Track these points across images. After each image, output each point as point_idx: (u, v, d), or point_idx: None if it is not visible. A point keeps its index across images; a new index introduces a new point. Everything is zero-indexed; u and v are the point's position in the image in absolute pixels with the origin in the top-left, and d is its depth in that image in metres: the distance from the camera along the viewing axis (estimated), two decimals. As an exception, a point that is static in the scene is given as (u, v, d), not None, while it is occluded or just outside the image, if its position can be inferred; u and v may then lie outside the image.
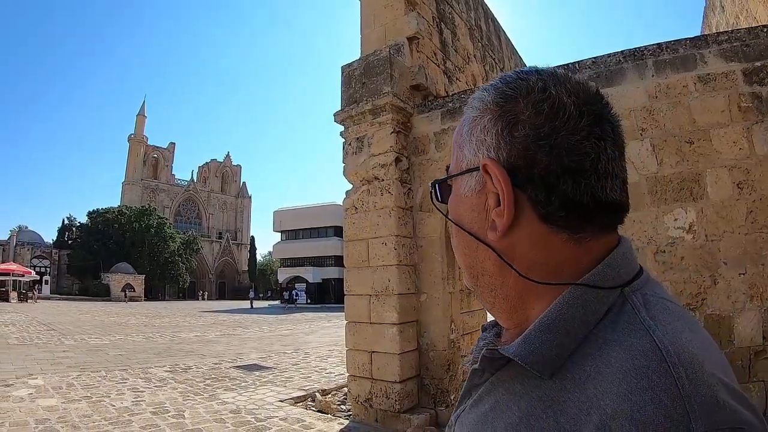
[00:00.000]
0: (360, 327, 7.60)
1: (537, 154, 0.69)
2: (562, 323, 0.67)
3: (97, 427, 6.71)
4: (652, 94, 6.01)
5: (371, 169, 7.71)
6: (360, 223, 7.78)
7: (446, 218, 0.86)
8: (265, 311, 44.69)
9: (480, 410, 0.76)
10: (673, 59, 5.99)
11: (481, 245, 0.77)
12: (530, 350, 0.67)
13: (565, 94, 0.71)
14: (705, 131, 5.74)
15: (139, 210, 76.09)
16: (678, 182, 5.79)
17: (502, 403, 0.72)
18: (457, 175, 0.81)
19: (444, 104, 7.76)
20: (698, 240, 5.64)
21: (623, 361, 0.59)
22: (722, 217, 5.56)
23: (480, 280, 0.80)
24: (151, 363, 12.64)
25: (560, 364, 0.66)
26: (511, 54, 14.64)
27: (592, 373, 0.61)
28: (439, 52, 9.16)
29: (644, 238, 5.86)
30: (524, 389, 0.69)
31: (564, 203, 0.69)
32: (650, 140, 5.94)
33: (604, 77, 6.29)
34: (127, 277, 64.61)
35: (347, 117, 8.06)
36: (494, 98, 0.76)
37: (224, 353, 15.01)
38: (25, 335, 18.26)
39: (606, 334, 0.65)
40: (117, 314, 34.41)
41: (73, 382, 9.69)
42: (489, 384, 0.77)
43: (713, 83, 5.79)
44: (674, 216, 5.76)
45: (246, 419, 7.35)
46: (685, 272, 5.64)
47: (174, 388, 9.53)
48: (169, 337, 19.61)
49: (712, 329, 5.45)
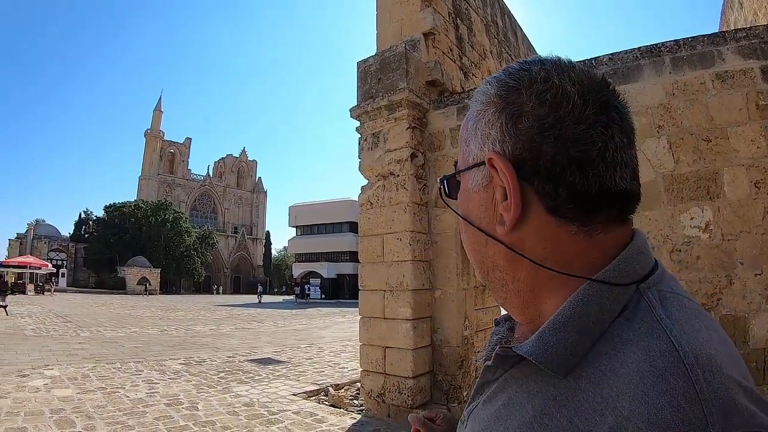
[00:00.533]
0: (374, 322, 7.60)
1: (542, 146, 0.68)
2: (578, 321, 0.65)
3: (112, 418, 6.77)
4: (669, 91, 5.94)
5: (387, 164, 7.70)
6: (375, 219, 7.78)
7: (456, 214, 0.83)
8: (279, 306, 44.88)
9: (493, 407, 0.74)
10: (690, 56, 5.92)
11: (490, 240, 0.75)
12: (544, 349, 0.65)
13: (569, 82, 0.69)
14: (722, 129, 5.66)
15: (156, 204, 76.61)
16: (695, 181, 5.72)
17: (516, 400, 0.70)
18: (464, 171, 0.80)
19: (460, 100, 7.73)
20: (714, 239, 5.57)
21: (640, 362, 0.57)
22: (739, 217, 5.49)
23: (491, 276, 0.78)
24: (165, 355, 12.73)
25: (575, 362, 0.63)
26: (528, 50, 14.55)
27: (608, 373, 0.59)
28: (455, 48, 9.13)
29: (660, 237, 5.81)
30: (538, 387, 0.67)
31: (571, 195, 0.67)
32: (667, 138, 5.88)
33: (621, 74, 6.24)
34: (143, 270, 65.05)
35: (363, 112, 8.06)
36: (497, 90, 0.74)
37: (238, 347, 15.08)
38: (41, 327, 18.45)
39: (622, 333, 0.63)
40: (132, 307, 34.78)
41: (88, 374, 9.78)
42: (502, 381, 0.75)
43: (731, 81, 5.70)
44: (690, 215, 5.70)
45: (259, 412, 7.39)
46: (701, 272, 5.58)
47: (188, 380, 9.59)
48: (184, 330, 19.76)
49: (727, 330, 5.23)
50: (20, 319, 21.29)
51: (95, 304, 35.62)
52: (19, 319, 21.26)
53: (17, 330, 17.02)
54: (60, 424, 6.39)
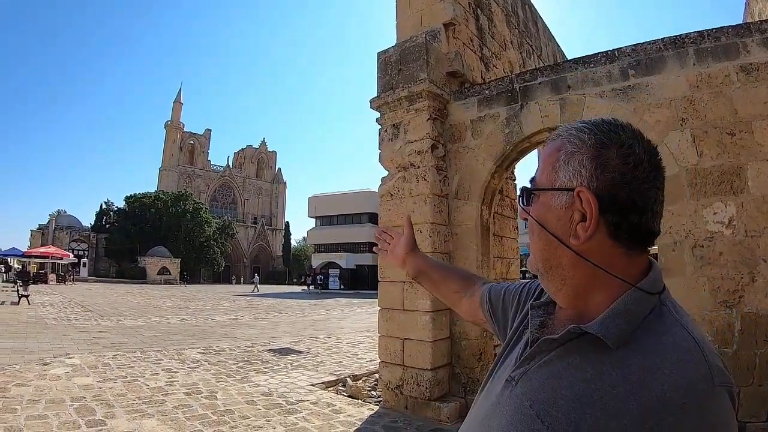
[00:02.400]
0: (393, 314, 7.58)
1: (619, 193, 0.94)
2: (628, 313, 0.93)
3: (131, 406, 6.83)
4: (693, 83, 5.84)
5: (407, 155, 7.66)
6: (395, 210, 7.74)
7: (532, 219, 1.07)
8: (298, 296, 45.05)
9: (552, 369, 0.98)
10: (714, 48, 5.80)
11: (561, 246, 1.00)
12: (608, 328, 0.91)
13: (643, 150, 0.96)
14: (747, 123, 5.55)
15: (176, 195, 77.12)
16: (718, 175, 5.63)
17: (575, 364, 0.94)
18: (549, 190, 1.03)
19: (480, 91, 7.67)
20: (737, 235, 5.48)
21: (672, 343, 0.88)
22: (763, 213, 5.38)
23: (553, 271, 1.04)
24: (185, 345, 12.82)
25: (624, 340, 0.90)
26: (549, 41, 14.39)
27: (650, 348, 0.88)
28: (476, 39, 9.05)
29: (682, 232, 5.74)
30: (597, 356, 0.92)
31: (629, 229, 0.95)
32: (690, 131, 5.79)
33: (644, 65, 6.16)
34: (163, 260, 65.65)
35: (383, 104, 8.02)
36: (594, 143, 0.98)
37: (257, 337, 15.13)
38: (62, 316, 18.65)
39: (655, 326, 0.93)
40: (153, 296, 35.09)
41: (108, 362, 9.86)
42: (560, 351, 0.99)
43: (756, 73, 5.57)
44: (713, 210, 5.61)
45: (277, 402, 7.42)
46: (723, 268, 5.50)
47: (207, 369, 9.64)
48: (203, 320, 19.86)
49: (748, 328, 5.33)
50: (42, 308, 21.50)
51: (116, 294, 36.06)
52: (41, 308, 21.47)
53: (39, 319, 17.18)
54: (80, 412, 6.45)
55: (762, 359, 5.22)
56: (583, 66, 6.67)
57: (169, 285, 59.54)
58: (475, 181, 7.56)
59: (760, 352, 5.24)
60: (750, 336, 5.32)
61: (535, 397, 0.97)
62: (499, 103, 7.43)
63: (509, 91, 7.33)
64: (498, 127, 7.40)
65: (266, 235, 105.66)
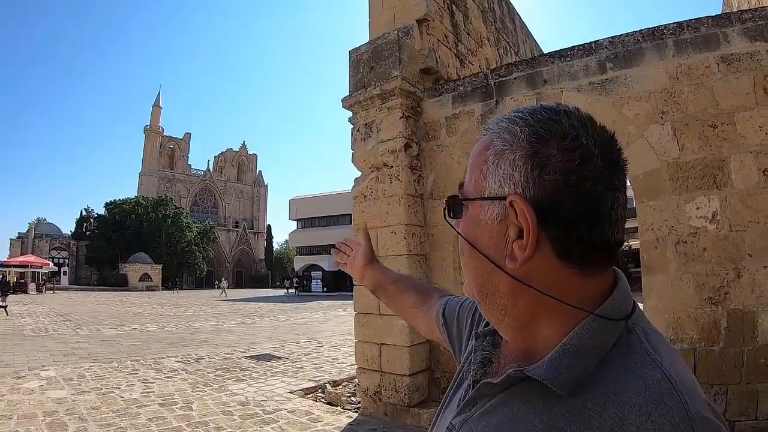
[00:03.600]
0: (369, 318, 7.45)
1: (563, 199, 0.74)
2: (585, 349, 0.74)
3: (104, 420, 6.68)
4: (673, 75, 5.75)
5: (380, 155, 7.51)
6: (369, 212, 7.60)
7: (459, 235, 0.89)
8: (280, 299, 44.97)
9: (493, 420, 0.82)
10: (694, 39, 5.71)
11: (496, 269, 0.81)
12: (557, 372, 0.73)
13: (593, 142, 0.76)
14: (729, 115, 5.47)
15: (156, 200, 76.93)
16: (700, 168, 5.54)
17: (520, 415, 0.77)
18: (477, 200, 0.84)
19: (455, 88, 7.54)
20: (722, 230, 5.39)
21: (641, 388, 0.69)
22: (747, 206, 5.30)
23: (490, 299, 0.85)
24: (163, 353, 12.66)
25: (579, 386, 0.73)
26: (526, 38, 14.40)
27: (612, 396, 0.70)
28: (451, 35, 8.94)
29: (665, 228, 5.65)
30: (544, 405, 0.75)
31: (579, 243, 0.75)
32: (671, 124, 5.69)
33: (622, 58, 6.06)
34: (144, 266, 65.35)
35: (355, 102, 7.87)
36: (528, 136, 0.78)
37: (237, 343, 15.02)
38: (40, 326, 18.46)
39: (620, 361, 0.74)
40: (133, 304, 34.99)
41: (84, 374, 9.71)
42: (503, 396, 0.82)
43: (737, 64, 5.50)
44: (696, 204, 5.52)
45: (254, 411, 7.28)
46: (708, 264, 5.41)
47: (184, 379, 9.50)
48: (184, 327, 19.70)
49: (734, 325, 5.26)
50: (20, 319, 21.36)
51: (96, 302, 36.00)
52: (19, 319, 21.33)
53: (16, 330, 17.04)
54: (52, 427, 6.32)
55: (750, 356, 5.15)
56: (559, 60, 6.56)
57: (150, 291, 59.29)
58: (451, 180, 7.42)
59: (747, 349, 5.18)
60: (737, 333, 5.25)
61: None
62: (474, 99, 7.30)
63: (484, 87, 7.20)
64: (473, 124, 7.26)
65: (248, 238, 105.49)
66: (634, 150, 5.74)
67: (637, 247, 6.16)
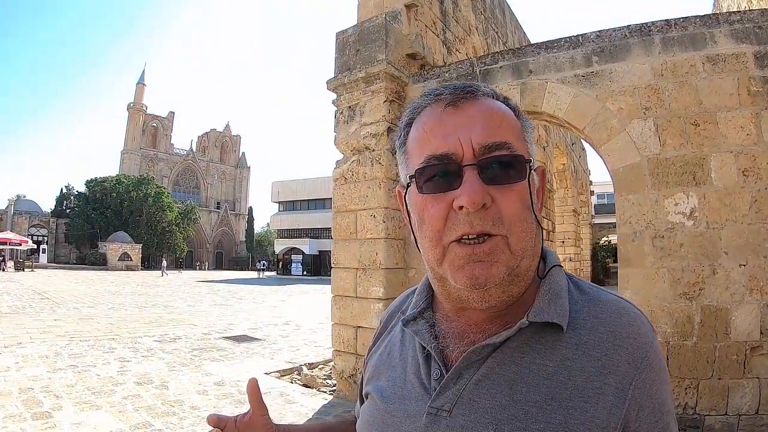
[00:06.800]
0: (346, 301, 7.48)
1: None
2: (561, 291, 0.87)
3: (80, 397, 6.66)
4: (658, 72, 5.81)
5: (362, 138, 7.51)
6: (349, 195, 7.62)
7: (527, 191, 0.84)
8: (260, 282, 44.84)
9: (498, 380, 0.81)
10: (681, 37, 5.78)
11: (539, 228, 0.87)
12: (558, 312, 0.83)
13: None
14: (711, 114, 5.55)
15: (137, 179, 75.90)
16: (681, 165, 5.61)
17: (527, 364, 0.81)
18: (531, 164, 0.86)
19: (440, 74, 7.52)
20: (699, 227, 5.48)
21: (612, 307, 0.86)
22: (725, 205, 5.40)
23: (531, 263, 0.86)
24: (140, 332, 12.62)
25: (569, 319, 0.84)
26: (515, 29, 14.42)
27: (594, 320, 0.84)
28: (439, 22, 8.91)
29: (643, 222, 5.71)
30: (548, 345, 0.82)
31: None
32: (654, 120, 5.74)
33: (609, 51, 6.10)
34: (124, 246, 64.53)
35: (340, 85, 7.85)
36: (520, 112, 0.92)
37: (215, 323, 15.01)
38: (18, 304, 18.30)
39: (580, 297, 0.89)
40: (112, 283, 34.65)
41: (60, 351, 9.66)
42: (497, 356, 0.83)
43: (722, 64, 5.59)
44: (675, 200, 5.59)
45: (229, 392, 7.30)
46: (684, 260, 5.49)
47: (161, 358, 9.49)
48: (162, 307, 19.60)
49: (708, 321, 5.35)
50: (-3, 296, 21.08)
51: (75, 281, 35.51)
52: (-4, 296, 21.06)
53: (-7, 307, 16.82)
54: (27, 404, 6.27)
55: (722, 352, 5.24)
56: (545, 51, 6.58)
57: (130, 271, 58.75)
58: (432, 166, 7.37)
59: (719, 345, 5.26)
60: (710, 329, 5.33)
61: (495, 418, 0.79)
62: (459, 86, 7.24)
63: (469, 75, 7.18)
64: (458, 111, 7.20)
65: (230, 220, 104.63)
66: (616, 144, 5.80)
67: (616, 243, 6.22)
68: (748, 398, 5.22)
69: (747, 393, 5.23)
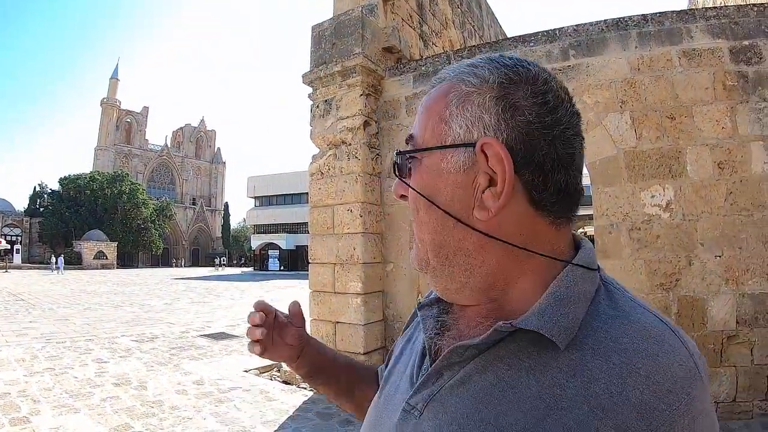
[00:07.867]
0: (324, 297, 7.48)
1: (539, 142, 0.70)
2: (575, 297, 0.69)
3: (58, 401, 6.58)
4: (635, 66, 5.89)
5: (339, 132, 7.50)
6: (326, 189, 7.60)
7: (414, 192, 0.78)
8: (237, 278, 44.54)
9: (471, 390, 0.72)
10: (658, 32, 5.88)
11: (459, 224, 0.74)
12: (553, 321, 0.67)
13: (562, 90, 0.74)
14: (687, 107, 5.67)
15: (112, 176, 75.13)
16: (657, 158, 5.70)
17: (509, 379, 0.69)
18: (438, 148, 0.75)
19: (417, 68, 7.54)
20: (675, 219, 5.58)
21: (640, 331, 0.65)
22: (701, 197, 5.51)
23: (453, 261, 0.76)
24: (118, 332, 12.49)
25: (573, 335, 0.67)
26: (492, 22, 14.48)
27: (610, 344, 0.65)
28: (416, 15, 8.93)
29: (620, 214, 5.79)
30: (539, 362, 0.68)
31: (557, 190, 0.71)
32: (630, 113, 5.83)
33: (585, 46, 6.16)
34: (99, 244, 63.92)
35: (316, 78, 7.82)
36: (498, 78, 0.73)
37: (192, 321, 14.92)
38: (-8, 306, 17.96)
39: (606, 310, 0.70)
40: (88, 282, 34.33)
41: (37, 354, 9.53)
42: (480, 361, 0.73)
43: (698, 59, 5.71)
44: (651, 193, 5.69)
45: (208, 390, 7.25)
46: (660, 251, 5.59)
47: (139, 358, 9.39)
48: (139, 306, 19.39)
49: (685, 311, 5.46)
50: (-29, 299, 20.72)
51: (50, 281, 35.06)
52: (-31, 299, 20.68)
53: (-34, 310, 16.52)
54: (4, 410, 6.15)
55: (699, 342, 5.32)
56: (522, 44, 6.62)
57: (106, 270, 58.18)
58: (409, 160, 7.40)
59: (696, 335, 5.35)
60: (687, 319, 5.44)
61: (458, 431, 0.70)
62: (436, 80, 7.27)
63: (446, 69, 7.16)
64: (434, 105, 7.24)
65: (205, 216, 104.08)
66: (593, 137, 5.84)
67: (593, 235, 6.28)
68: (726, 386, 5.34)
69: (724, 381, 5.34)
